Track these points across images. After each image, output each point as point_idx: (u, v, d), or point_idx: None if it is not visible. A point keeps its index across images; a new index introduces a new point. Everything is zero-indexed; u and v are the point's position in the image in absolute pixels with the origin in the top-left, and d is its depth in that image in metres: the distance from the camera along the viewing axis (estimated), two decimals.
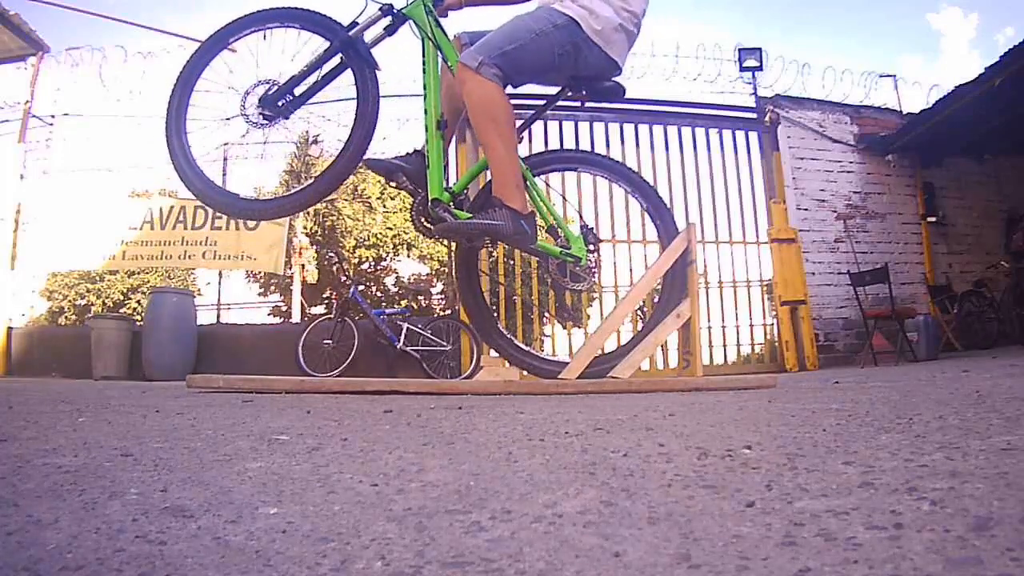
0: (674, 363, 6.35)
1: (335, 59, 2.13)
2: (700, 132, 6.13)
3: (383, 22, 2.15)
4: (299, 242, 12.24)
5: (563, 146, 5.38)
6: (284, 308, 14.64)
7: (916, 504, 0.56)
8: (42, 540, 0.54)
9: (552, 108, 2.42)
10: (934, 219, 6.61)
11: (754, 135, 6.26)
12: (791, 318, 5.68)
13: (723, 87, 6.46)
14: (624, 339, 2.67)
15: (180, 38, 6.80)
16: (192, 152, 2.17)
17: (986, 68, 5.21)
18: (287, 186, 12.24)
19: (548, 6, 2.08)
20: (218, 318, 7.76)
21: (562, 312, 2.54)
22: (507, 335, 2.42)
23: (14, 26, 6.46)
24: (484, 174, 2.34)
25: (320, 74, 2.14)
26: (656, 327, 2.37)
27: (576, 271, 2.21)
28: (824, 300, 6.10)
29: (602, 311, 6.48)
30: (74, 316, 13.04)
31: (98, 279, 13.36)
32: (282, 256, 7.05)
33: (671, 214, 2.50)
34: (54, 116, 7.02)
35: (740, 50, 6.37)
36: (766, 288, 6.15)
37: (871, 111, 6.71)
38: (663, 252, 2.41)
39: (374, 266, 14.49)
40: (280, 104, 2.11)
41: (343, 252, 12.71)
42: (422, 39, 2.15)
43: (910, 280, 6.43)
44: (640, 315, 5.55)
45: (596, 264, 2.28)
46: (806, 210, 6.23)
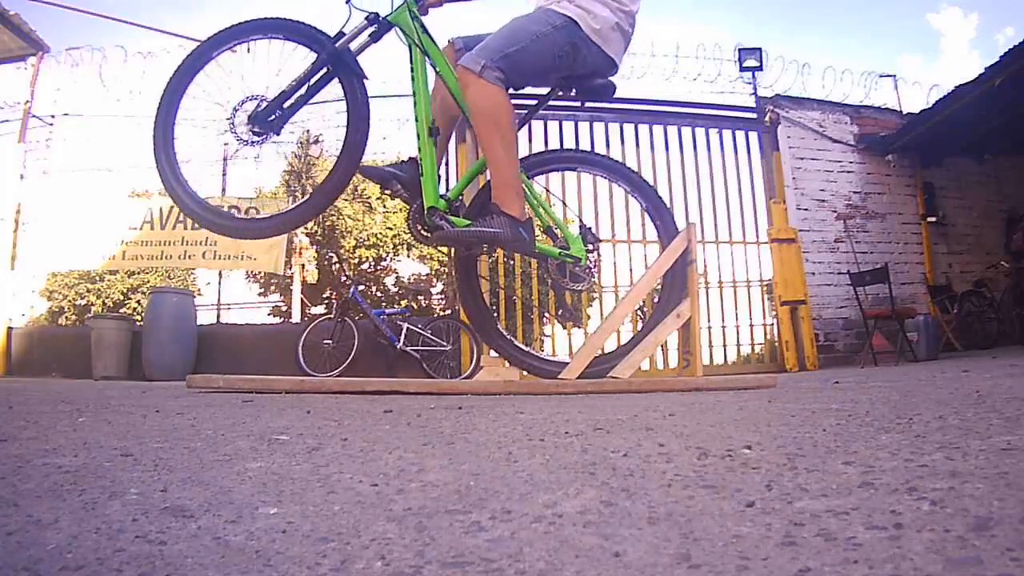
0: (674, 363, 6.35)
1: (323, 70, 2.10)
2: (700, 132, 6.13)
3: (369, 30, 2.12)
4: (299, 242, 12.25)
5: (563, 146, 5.39)
6: (284, 308, 14.65)
7: (916, 504, 0.56)
8: (42, 540, 0.54)
9: (552, 108, 2.42)
10: (934, 219, 6.61)
11: (754, 135, 6.26)
12: (791, 318, 5.68)
13: (723, 87, 6.47)
14: (624, 339, 2.67)
15: (180, 38, 6.80)
16: (183, 172, 2.16)
17: (986, 68, 5.21)
18: (287, 185, 12.23)
19: (546, 8, 2.08)
20: (218, 318, 7.76)
21: (564, 313, 2.53)
22: (507, 335, 2.42)
23: (14, 26, 6.46)
24: (479, 178, 2.35)
25: (308, 86, 2.11)
26: (656, 327, 2.37)
27: (576, 271, 2.21)
28: (824, 300, 6.10)
29: (602, 311, 6.48)
30: (74, 316, 13.04)
31: (98, 279, 13.36)
32: (282, 256, 7.06)
33: (671, 214, 2.50)
34: (54, 116, 7.02)
35: (740, 50, 6.38)
36: (766, 288, 6.15)
37: (871, 111, 6.71)
38: (663, 252, 2.40)
39: (374, 266, 14.50)
40: (271, 119, 2.08)
41: (343, 252, 12.71)
42: (409, 46, 2.13)
43: (910, 280, 6.43)
44: (640, 315, 5.55)
45: (596, 264, 2.28)
46: (806, 210, 6.23)
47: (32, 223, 6.75)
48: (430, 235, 2.09)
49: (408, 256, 14.31)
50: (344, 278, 6.89)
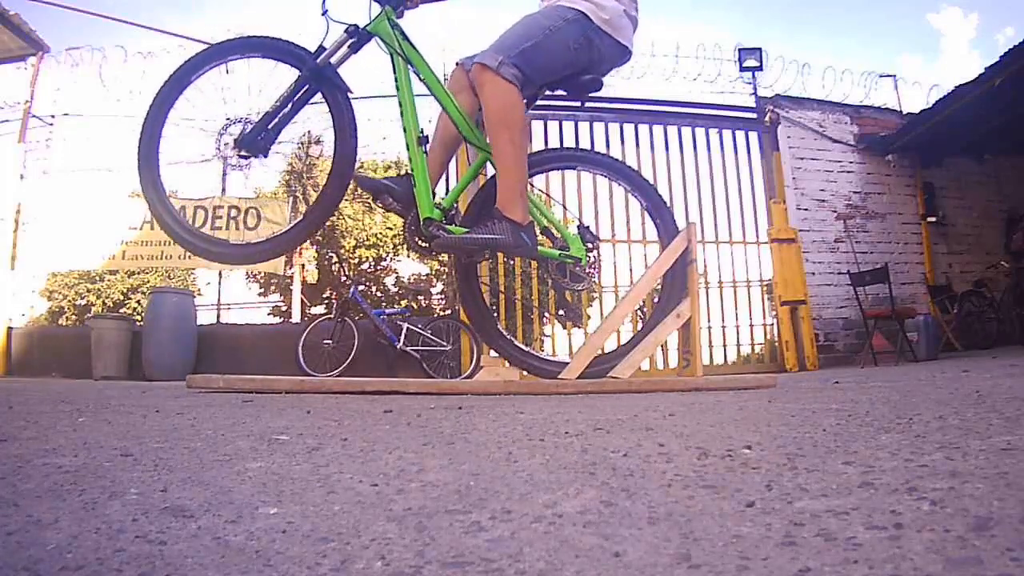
0: (674, 363, 6.36)
1: (306, 87, 2.07)
2: (700, 132, 6.13)
3: (349, 42, 2.08)
4: None
5: (563, 145, 5.39)
6: (284, 308, 14.66)
7: (916, 504, 0.56)
8: (42, 540, 0.54)
9: (552, 108, 2.43)
10: (934, 219, 6.61)
11: (754, 135, 6.26)
12: (791, 318, 5.68)
13: (723, 87, 6.47)
14: (624, 339, 2.67)
15: (180, 38, 6.80)
16: (170, 202, 2.14)
17: (986, 68, 5.21)
18: (288, 185, 12.22)
19: (555, 3, 2.09)
20: (218, 318, 7.76)
21: (564, 312, 2.53)
22: (507, 335, 2.41)
23: (14, 26, 6.47)
24: (471, 186, 2.34)
25: (292, 104, 2.08)
26: (656, 327, 2.37)
27: (575, 271, 2.21)
28: (824, 300, 6.10)
29: (602, 311, 6.48)
30: (74, 316, 13.05)
31: (98, 279, 13.37)
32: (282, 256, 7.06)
33: (671, 213, 2.50)
34: (54, 116, 7.02)
35: (740, 50, 6.38)
36: (766, 288, 6.15)
37: (871, 111, 6.72)
38: (663, 252, 2.40)
39: (374, 266, 14.51)
40: (259, 139, 2.06)
41: (343, 252, 12.72)
42: (391, 55, 2.09)
43: (910, 280, 6.43)
44: (640, 315, 5.55)
45: (595, 264, 2.28)
46: (806, 210, 6.24)
47: (32, 223, 6.76)
48: (429, 244, 2.07)
49: (408, 256, 14.32)
50: (344, 278, 6.90)
